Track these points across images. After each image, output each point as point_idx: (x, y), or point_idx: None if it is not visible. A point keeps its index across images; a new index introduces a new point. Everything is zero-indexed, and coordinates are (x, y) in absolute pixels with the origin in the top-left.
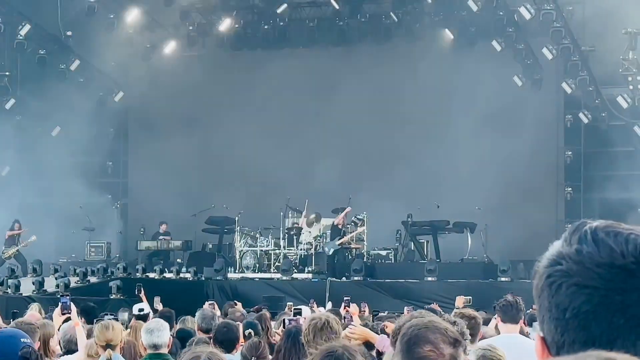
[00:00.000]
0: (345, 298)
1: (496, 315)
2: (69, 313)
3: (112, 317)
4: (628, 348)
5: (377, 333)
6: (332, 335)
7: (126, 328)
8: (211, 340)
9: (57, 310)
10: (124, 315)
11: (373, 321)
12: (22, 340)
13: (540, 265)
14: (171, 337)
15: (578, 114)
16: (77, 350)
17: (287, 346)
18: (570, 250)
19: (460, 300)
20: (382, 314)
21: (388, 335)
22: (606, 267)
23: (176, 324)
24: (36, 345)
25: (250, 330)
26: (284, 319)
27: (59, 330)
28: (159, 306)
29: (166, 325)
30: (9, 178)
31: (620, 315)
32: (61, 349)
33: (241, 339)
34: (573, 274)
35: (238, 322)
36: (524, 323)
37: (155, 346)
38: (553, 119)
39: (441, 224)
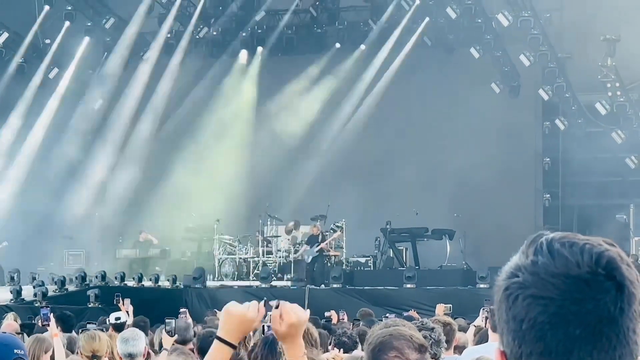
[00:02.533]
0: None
1: (487, 324)
2: (48, 324)
3: (96, 326)
4: (584, 358)
5: (350, 339)
6: (312, 343)
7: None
8: (194, 349)
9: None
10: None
11: (352, 329)
12: (15, 351)
13: (499, 278)
14: (146, 346)
15: (555, 121)
16: None
17: (263, 353)
18: (526, 262)
19: (440, 309)
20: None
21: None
22: (561, 278)
23: (152, 332)
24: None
25: None
26: (263, 326)
27: None
28: (129, 308)
29: (142, 334)
30: None
31: (577, 325)
32: None
33: None
34: (529, 285)
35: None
36: None
37: (131, 355)
38: (531, 126)
39: (420, 231)
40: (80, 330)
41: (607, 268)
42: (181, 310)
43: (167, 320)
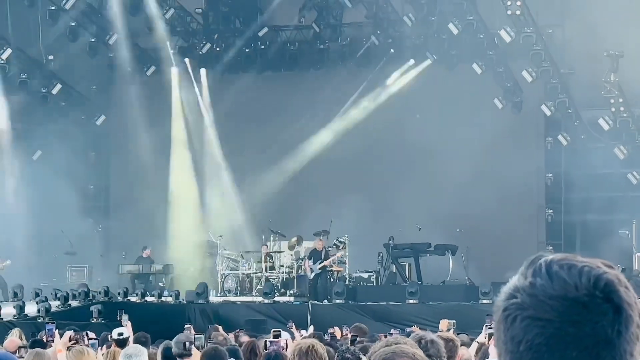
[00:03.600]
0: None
1: (490, 341)
2: (53, 340)
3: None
4: None
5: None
6: None
7: None
8: None
9: (64, 339)
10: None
11: (352, 344)
12: None
13: (498, 299)
14: None
15: (558, 137)
16: None
17: None
18: (524, 283)
19: (444, 324)
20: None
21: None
22: (559, 300)
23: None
24: None
25: (232, 358)
26: (265, 341)
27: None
28: (127, 324)
29: (144, 350)
30: None
31: (574, 347)
32: None
33: None
34: (527, 307)
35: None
36: None
37: None
38: (533, 141)
39: (422, 246)
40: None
41: (605, 291)
42: (186, 326)
43: (196, 336)
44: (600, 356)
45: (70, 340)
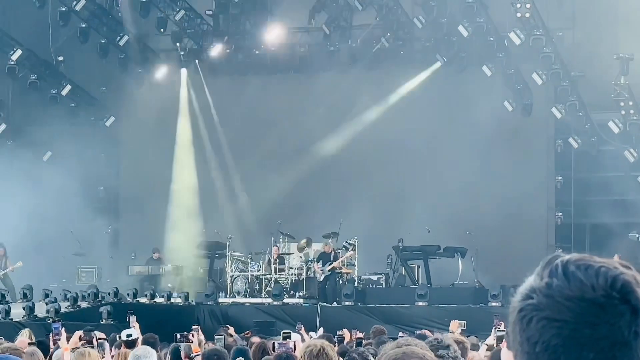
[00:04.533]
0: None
1: (502, 343)
2: (59, 338)
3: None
4: None
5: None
6: None
7: None
8: None
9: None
10: None
11: (359, 346)
12: None
13: (514, 300)
14: None
15: (568, 139)
16: None
17: None
18: (541, 284)
19: (454, 325)
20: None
21: (344, 341)
22: (576, 301)
23: (159, 350)
24: None
25: (241, 358)
26: (273, 342)
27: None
28: (135, 325)
29: (153, 352)
30: None
31: (590, 349)
32: None
33: None
34: (543, 308)
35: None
36: None
37: None
38: (543, 144)
39: (432, 248)
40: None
41: (622, 292)
42: (193, 327)
43: (216, 337)
44: (616, 358)
45: (80, 340)
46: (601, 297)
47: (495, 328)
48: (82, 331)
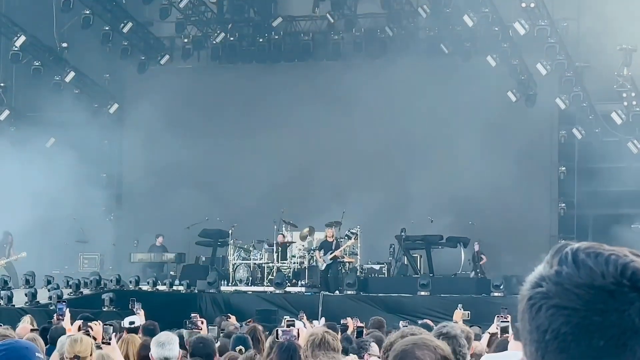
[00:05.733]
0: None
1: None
2: (63, 319)
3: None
4: None
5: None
6: (330, 351)
7: None
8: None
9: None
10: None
11: (357, 337)
12: (36, 354)
13: (523, 289)
14: (180, 350)
15: (572, 130)
16: None
17: (281, 358)
18: (550, 272)
19: (458, 315)
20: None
21: (347, 330)
22: (585, 288)
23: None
24: None
25: (240, 347)
26: (277, 330)
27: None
28: (140, 312)
29: (176, 338)
30: (1, 189)
31: (600, 336)
32: None
33: (217, 354)
34: (552, 296)
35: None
36: None
37: (166, 359)
38: (547, 135)
39: (434, 238)
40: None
41: (632, 279)
42: (192, 315)
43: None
44: (627, 345)
45: (79, 330)
46: (611, 285)
47: (499, 317)
48: (81, 321)
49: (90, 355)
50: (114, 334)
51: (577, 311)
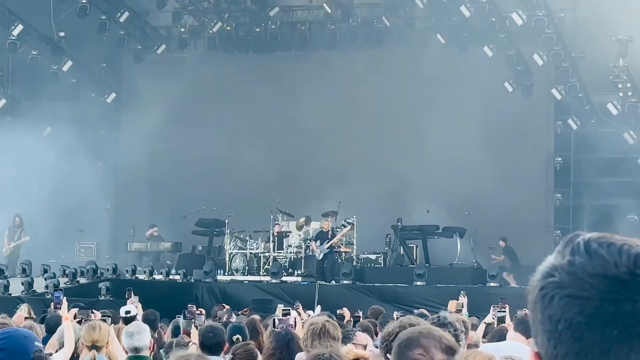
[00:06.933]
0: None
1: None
2: (60, 307)
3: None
4: (622, 359)
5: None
6: (329, 340)
7: None
8: (198, 344)
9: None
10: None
11: (354, 326)
12: (35, 343)
13: (533, 279)
14: (151, 340)
15: (567, 121)
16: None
17: (278, 346)
18: (562, 261)
19: (452, 305)
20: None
21: (343, 319)
22: (599, 278)
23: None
24: None
25: (238, 335)
26: (273, 319)
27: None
28: (138, 305)
29: (146, 328)
30: None
31: (614, 326)
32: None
33: (227, 343)
34: (566, 285)
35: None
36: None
37: (137, 349)
38: (543, 125)
39: (431, 228)
40: (83, 320)
41: None
42: (189, 305)
43: (197, 315)
44: None
45: (75, 319)
46: (624, 274)
47: (495, 307)
48: (77, 309)
49: (107, 344)
50: (112, 325)
51: (591, 300)
